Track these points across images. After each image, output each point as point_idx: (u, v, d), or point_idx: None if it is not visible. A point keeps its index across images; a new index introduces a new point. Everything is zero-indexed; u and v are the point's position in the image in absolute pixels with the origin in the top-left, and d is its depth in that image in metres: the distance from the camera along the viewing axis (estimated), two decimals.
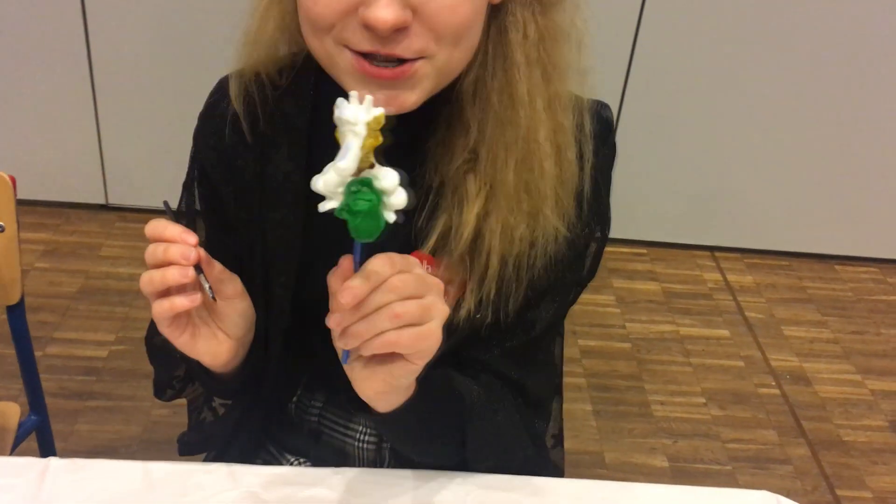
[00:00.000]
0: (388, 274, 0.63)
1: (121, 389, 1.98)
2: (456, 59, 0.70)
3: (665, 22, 2.38)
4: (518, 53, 0.73)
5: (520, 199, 0.76)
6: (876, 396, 2.22)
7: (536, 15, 0.73)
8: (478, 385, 0.84)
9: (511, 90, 0.73)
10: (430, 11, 0.66)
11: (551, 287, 0.84)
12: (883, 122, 2.53)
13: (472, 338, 0.83)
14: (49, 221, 2.55)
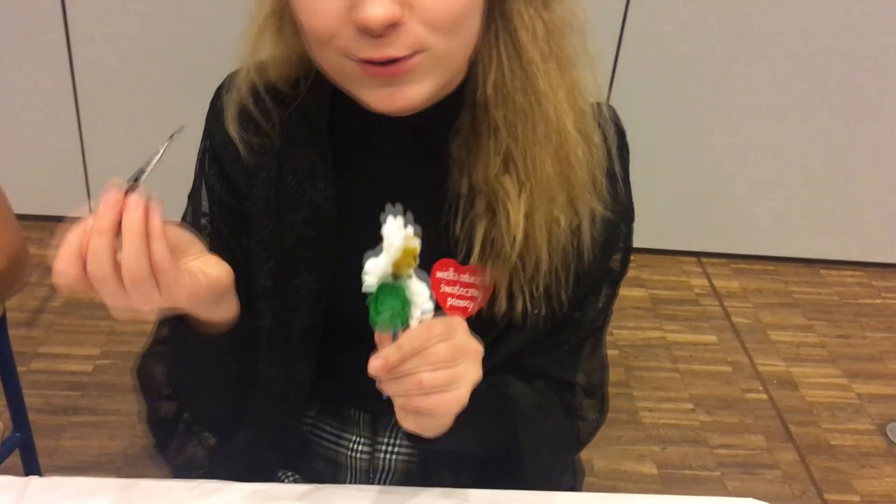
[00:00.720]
0: (422, 345, 0.67)
1: (106, 404, 1.97)
2: (455, 48, 0.70)
3: (649, 28, 2.39)
4: (532, 50, 0.73)
5: (561, 191, 0.78)
6: (863, 400, 2.22)
7: (540, 11, 0.73)
8: (533, 391, 0.88)
9: (534, 87, 0.74)
10: (422, 4, 0.65)
11: (593, 287, 0.87)
12: (867, 126, 2.55)
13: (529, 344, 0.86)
14: (33, 235, 2.51)
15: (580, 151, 0.77)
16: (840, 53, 2.43)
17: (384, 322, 0.65)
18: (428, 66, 0.69)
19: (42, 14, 2.31)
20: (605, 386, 0.96)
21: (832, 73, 2.46)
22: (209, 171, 0.86)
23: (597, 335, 0.92)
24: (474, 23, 0.70)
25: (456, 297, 0.84)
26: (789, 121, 2.54)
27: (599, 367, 0.94)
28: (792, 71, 2.46)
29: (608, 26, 2.39)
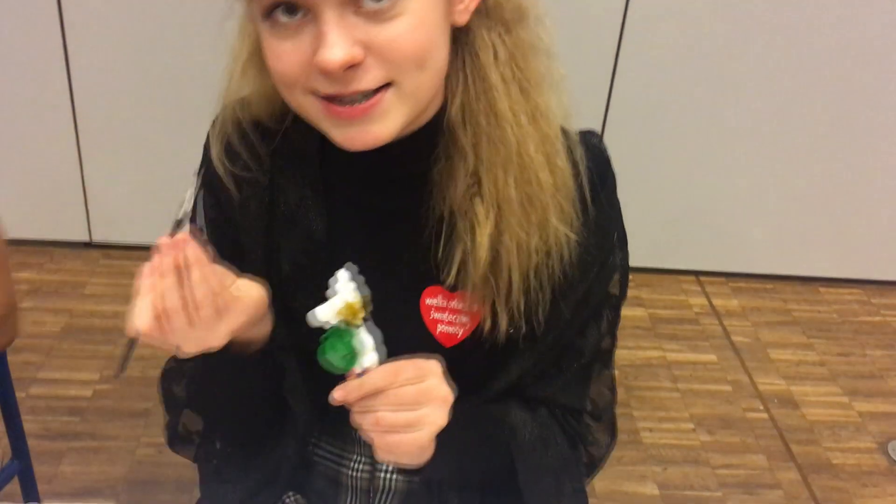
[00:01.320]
0: (386, 385, 0.70)
1: (106, 429, 1.96)
2: (423, 82, 0.71)
3: (645, 47, 2.41)
4: (493, 74, 0.74)
5: (526, 212, 0.78)
6: (864, 418, 2.22)
7: (503, 35, 0.74)
8: (534, 419, 0.87)
9: (495, 110, 0.75)
10: (382, 44, 0.66)
11: (592, 313, 0.87)
12: (865, 145, 2.56)
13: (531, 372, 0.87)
14: (32, 260, 2.54)
15: (543, 175, 0.77)
16: (836, 70, 2.45)
17: (326, 363, 0.69)
18: (395, 102, 0.70)
19: (42, 43, 2.32)
20: (612, 409, 0.96)
21: (829, 92, 2.48)
22: (207, 200, 0.88)
23: (605, 358, 0.92)
24: (440, 54, 0.71)
25: (445, 323, 0.84)
26: (787, 139, 2.55)
27: (607, 391, 0.94)
28: (789, 90, 2.47)
29: (604, 51, 2.41)
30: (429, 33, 0.68)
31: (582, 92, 2.40)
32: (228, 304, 0.71)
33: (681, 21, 2.37)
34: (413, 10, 0.66)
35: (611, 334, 0.91)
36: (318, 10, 0.65)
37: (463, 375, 0.84)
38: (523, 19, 0.76)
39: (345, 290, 0.68)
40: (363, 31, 0.66)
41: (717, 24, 2.38)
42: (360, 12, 0.65)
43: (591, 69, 2.44)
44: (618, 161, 2.85)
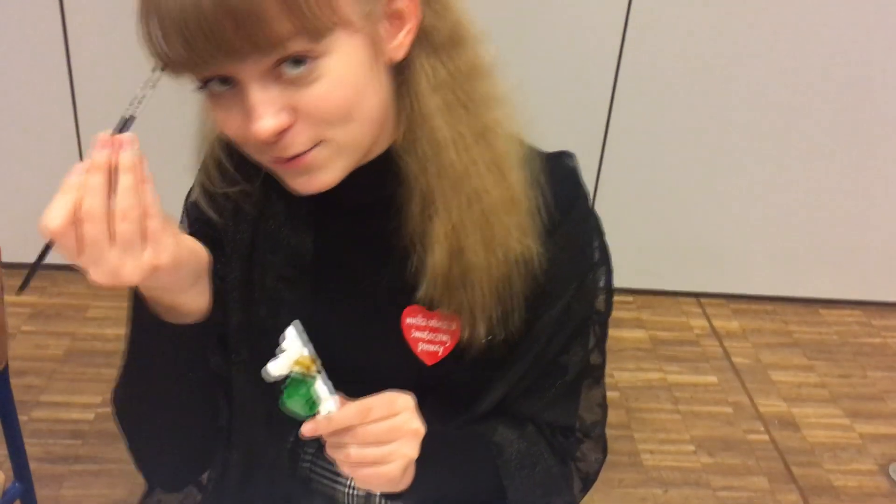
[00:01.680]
0: (354, 423, 0.72)
1: (107, 452, 1.97)
2: (354, 131, 0.72)
3: (644, 69, 2.43)
4: (431, 101, 0.75)
5: (483, 229, 0.79)
6: (865, 440, 2.22)
7: (440, 60, 0.76)
8: (521, 437, 0.89)
9: (435, 135, 0.76)
10: (307, 107, 0.68)
11: (576, 330, 0.88)
12: (864, 167, 2.58)
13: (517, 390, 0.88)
14: (35, 284, 2.53)
15: (496, 192, 0.78)
16: (835, 91, 2.47)
17: (288, 411, 0.71)
18: (331, 155, 0.72)
19: (48, 71, 2.35)
20: (602, 426, 0.96)
21: (829, 114, 2.50)
22: (192, 202, 0.90)
23: (595, 374, 0.93)
24: (370, 101, 0.72)
25: (426, 341, 0.86)
26: (787, 161, 2.57)
27: (597, 408, 0.95)
28: (788, 112, 2.49)
29: (603, 71, 2.43)
30: (353, 88, 0.69)
31: (581, 114, 2.45)
32: (157, 232, 0.65)
33: (680, 43, 2.40)
34: (333, 70, 0.67)
35: (599, 350, 0.92)
36: (243, 84, 0.67)
37: (448, 393, 0.86)
38: (461, 42, 0.77)
39: (295, 346, 0.71)
40: (287, 97, 0.67)
41: (716, 47, 2.40)
42: (282, 80, 0.67)
43: (591, 91, 2.46)
44: (618, 183, 2.89)
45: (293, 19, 0.63)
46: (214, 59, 0.65)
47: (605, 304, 0.90)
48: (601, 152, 2.54)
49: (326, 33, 0.66)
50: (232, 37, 0.63)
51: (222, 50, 0.64)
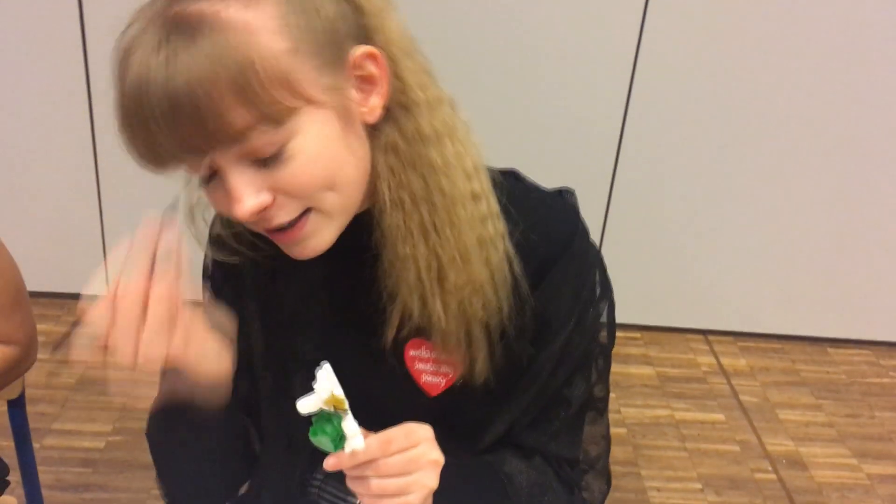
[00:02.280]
0: (376, 456, 0.73)
1: (117, 481, 1.98)
2: (340, 198, 0.74)
3: (654, 108, 2.47)
4: (380, 164, 0.76)
5: (458, 276, 0.80)
6: (872, 480, 2.21)
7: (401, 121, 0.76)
8: (530, 467, 0.90)
9: (379, 197, 0.77)
10: (283, 183, 0.70)
11: (578, 364, 0.89)
12: (873, 206, 2.60)
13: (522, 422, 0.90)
14: (50, 312, 2.59)
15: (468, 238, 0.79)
16: (843, 131, 2.49)
17: (318, 442, 0.73)
18: (320, 221, 0.74)
19: (68, 94, 2.40)
20: (606, 458, 0.98)
21: (837, 152, 2.52)
22: (213, 237, 0.93)
23: (599, 406, 0.95)
24: (349, 168, 0.74)
25: (429, 373, 0.88)
26: (795, 200, 2.59)
27: (600, 439, 0.96)
28: (796, 151, 2.52)
29: (612, 108, 2.47)
30: (327, 161, 0.71)
31: (590, 152, 2.48)
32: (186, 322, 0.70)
33: (688, 80, 2.43)
34: (304, 148, 0.69)
35: (602, 383, 0.94)
36: (222, 170, 0.70)
37: (451, 425, 0.87)
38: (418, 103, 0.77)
39: (326, 385, 0.72)
40: (264, 178, 0.70)
41: (723, 84, 2.44)
42: (257, 162, 0.69)
43: (599, 130, 2.49)
44: (627, 220, 2.91)
45: (251, 110, 0.65)
46: (182, 156, 0.68)
47: (607, 337, 0.92)
48: (610, 190, 2.57)
49: (288, 117, 0.67)
50: (192, 135, 0.65)
51: (186, 148, 0.67)
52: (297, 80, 0.67)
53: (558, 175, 2.68)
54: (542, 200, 0.87)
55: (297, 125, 0.68)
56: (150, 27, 0.66)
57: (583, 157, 2.51)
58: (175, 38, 0.64)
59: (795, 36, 2.37)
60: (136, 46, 0.66)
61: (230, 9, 0.66)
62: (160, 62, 0.64)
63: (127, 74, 0.66)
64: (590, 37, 2.37)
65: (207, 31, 0.64)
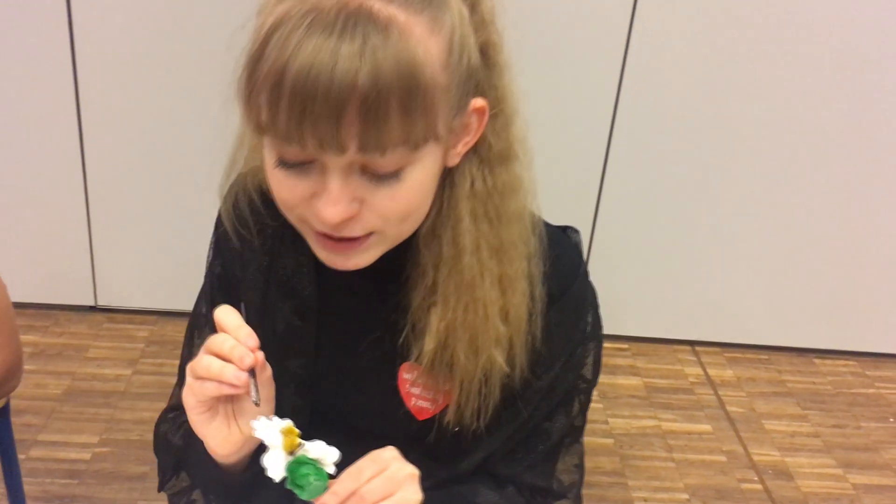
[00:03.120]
0: (354, 487, 0.74)
1: (103, 493, 1.98)
2: (407, 229, 0.76)
3: (640, 117, 2.48)
4: (465, 207, 0.78)
5: (473, 337, 0.82)
6: (858, 490, 2.22)
7: (485, 173, 0.79)
8: (502, 498, 0.91)
9: (457, 240, 0.79)
10: (375, 202, 0.70)
11: (562, 400, 0.91)
12: (859, 218, 2.61)
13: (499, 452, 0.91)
14: (37, 324, 2.58)
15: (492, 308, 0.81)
16: (830, 140, 2.51)
17: (311, 492, 0.73)
18: (377, 243, 0.75)
19: (55, 109, 2.41)
20: (579, 486, 0.98)
21: (824, 162, 2.54)
22: (214, 260, 0.94)
23: (575, 434, 0.96)
24: (424, 208, 0.76)
25: (419, 398, 0.89)
26: (782, 210, 2.60)
27: (574, 468, 0.97)
28: (783, 161, 2.54)
29: (600, 116, 2.48)
30: (423, 194, 0.73)
31: (578, 162, 2.49)
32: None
33: (675, 89, 2.45)
34: (414, 176, 0.70)
35: (582, 415, 0.95)
36: (328, 166, 0.68)
37: (433, 449, 0.89)
38: (508, 160, 0.80)
39: (270, 431, 0.73)
40: (363, 189, 0.70)
41: (709, 94, 2.45)
42: (365, 173, 0.69)
43: (587, 139, 2.51)
44: (614, 231, 2.92)
45: (405, 128, 0.65)
46: (315, 148, 0.66)
47: (592, 373, 0.93)
48: (597, 199, 2.58)
49: (423, 145, 0.68)
50: (346, 134, 0.64)
51: (331, 145, 0.65)
52: (440, 116, 0.69)
53: (546, 185, 2.67)
54: (551, 239, 0.87)
55: (420, 154, 0.69)
56: (332, 10, 0.63)
57: (570, 167, 2.52)
58: (368, 32, 0.63)
59: (788, 40, 2.39)
60: (313, 25, 0.63)
61: (417, 27, 0.66)
62: (353, 46, 0.62)
63: (299, 50, 0.62)
64: (578, 39, 2.39)
65: (398, 36, 0.64)
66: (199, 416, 0.77)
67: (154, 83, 2.38)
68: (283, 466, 0.72)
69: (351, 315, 0.90)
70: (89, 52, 2.34)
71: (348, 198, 0.69)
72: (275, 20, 0.65)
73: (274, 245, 0.90)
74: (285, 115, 0.64)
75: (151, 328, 2.61)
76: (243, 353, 0.73)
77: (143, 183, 2.50)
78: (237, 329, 0.75)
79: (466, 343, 0.82)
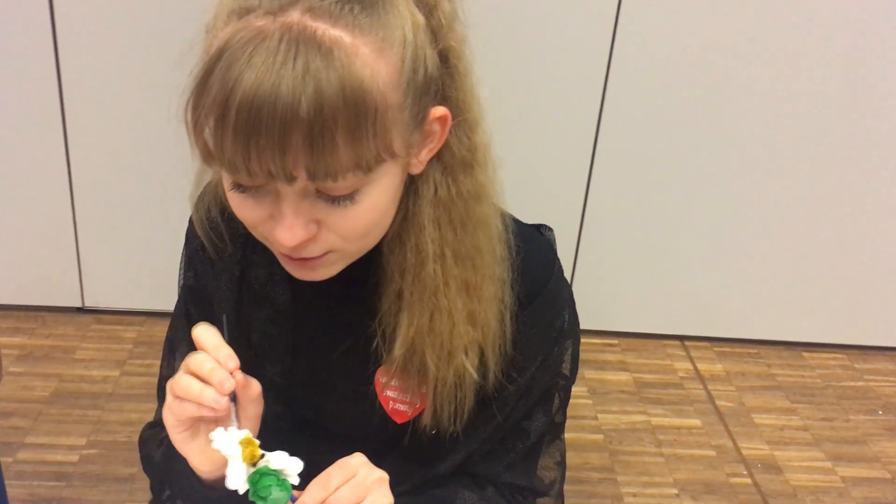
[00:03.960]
0: (322, 497, 0.73)
1: (91, 495, 1.97)
2: (366, 246, 0.76)
3: (627, 112, 2.48)
4: (427, 215, 0.78)
5: (440, 343, 0.82)
6: (847, 483, 2.23)
7: (447, 180, 0.78)
8: (481, 500, 0.91)
9: (421, 248, 0.78)
10: (335, 224, 0.70)
11: (540, 398, 0.91)
12: (847, 212, 2.62)
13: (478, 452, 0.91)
14: (24, 325, 2.57)
15: (457, 315, 0.81)
16: (816, 135, 2.52)
17: (275, 499, 0.72)
18: (339, 259, 0.75)
19: (40, 115, 2.39)
20: (561, 483, 0.98)
21: (811, 157, 2.54)
22: (187, 272, 0.94)
23: (555, 430, 0.96)
24: (389, 219, 0.76)
25: (397, 401, 0.89)
26: (771, 207, 2.61)
27: (555, 466, 0.97)
28: (771, 157, 2.54)
29: (586, 109, 2.48)
30: (382, 213, 0.73)
31: (565, 157, 2.48)
32: None
33: (662, 85, 2.44)
34: (370, 196, 0.69)
35: (562, 412, 0.95)
36: (280, 192, 0.68)
37: (412, 450, 0.89)
38: (472, 167, 0.79)
39: (229, 443, 0.72)
40: (319, 211, 0.69)
41: (698, 87, 2.45)
42: (320, 196, 0.68)
43: (574, 134, 2.51)
44: (603, 227, 2.90)
45: (356, 153, 0.64)
46: (266, 178, 0.65)
47: (570, 370, 0.93)
48: (586, 194, 2.58)
49: (378, 166, 0.67)
50: (294, 163, 0.63)
51: (280, 175, 0.64)
52: (395, 136, 0.67)
53: (533, 182, 2.68)
54: (524, 238, 0.87)
55: (377, 175, 0.68)
56: (274, 34, 0.62)
57: (558, 163, 2.52)
58: (310, 56, 0.61)
59: (773, 32, 2.39)
60: (256, 52, 0.62)
61: (364, 47, 0.64)
62: (296, 73, 0.61)
63: (242, 79, 0.61)
64: (564, 31, 2.39)
65: (343, 59, 0.62)
66: (179, 434, 0.77)
67: (140, 83, 2.36)
68: (244, 478, 0.71)
69: (325, 321, 0.90)
70: (73, 51, 2.32)
71: (303, 222, 0.69)
72: (219, 46, 0.64)
73: (246, 254, 0.89)
74: (231, 145, 0.63)
75: (139, 329, 2.60)
76: (223, 378, 0.72)
77: (129, 183, 2.49)
78: (217, 349, 0.74)
79: (436, 349, 0.81)
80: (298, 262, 0.74)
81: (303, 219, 0.69)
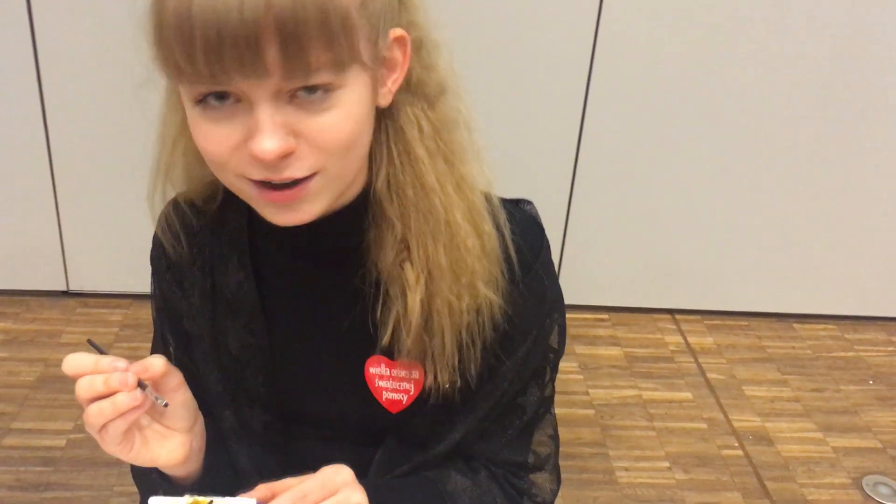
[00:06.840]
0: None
1: (79, 479, 1.95)
2: (348, 166, 0.73)
3: (615, 87, 2.45)
4: (419, 147, 0.77)
5: (456, 276, 0.80)
6: (838, 454, 2.23)
7: (426, 110, 0.77)
8: (474, 484, 0.90)
9: (422, 181, 0.77)
10: (313, 134, 0.68)
11: (533, 373, 0.90)
12: (836, 183, 2.61)
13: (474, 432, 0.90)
14: (8, 310, 2.54)
15: (470, 242, 0.80)
16: (808, 108, 2.50)
17: None
18: (322, 186, 0.72)
19: (19, 93, 2.35)
20: (555, 457, 0.98)
21: (800, 131, 2.53)
22: (155, 286, 0.93)
23: (546, 405, 0.95)
24: (366, 138, 0.74)
25: (390, 390, 0.87)
26: (761, 179, 2.59)
27: (548, 440, 0.96)
28: (760, 130, 2.52)
29: (573, 84, 2.45)
30: (357, 123, 0.70)
31: (552, 133, 2.46)
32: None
33: (651, 57, 2.42)
34: (345, 102, 0.68)
35: (551, 384, 0.94)
36: (253, 100, 0.66)
37: (409, 435, 0.88)
38: (444, 94, 0.79)
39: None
40: (296, 121, 0.67)
41: (687, 63, 2.43)
42: (294, 103, 0.67)
43: (561, 109, 2.48)
44: (592, 202, 2.89)
45: (329, 49, 0.64)
46: (239, 77, 0.63)
47: (558, 343, 0.92)
48: (574, 169, 2.56)
49: (348, 67, 0.67)
50: (267, 59, 0.62)
51: (253, 71, 0.63)
52: (359, 38, 0.67)
53: (522, 156, 2.65)
54: (511, 214, 0.86)
55: (348, 79, 0.67)
56: None
57: (546, 137, 2.50)
58: None
59: (756, 20, 2.37)
60: None
61: None
62: None
63: None
64: (547, 13, 2.36)
65: None
66: (128, 454, 0.76)
67: (118, 63, 2.32)
68: None
69: (303, 321, 0.88)
70: (50, 32, 2.28)
71: (282, 129, 0.67)
72: None
73: (215, 266, 0.88)
74: (202, 52, 0.62)
75: (125, 312, 2.58)
76: (121, 378, 0.71)
77: (110, 164, 2.46)
78: (96, 365, 0.73)
79: (450, 286, 0.80)
80: (281, 196, 0.70)
81: (280, 125, 0.67)
